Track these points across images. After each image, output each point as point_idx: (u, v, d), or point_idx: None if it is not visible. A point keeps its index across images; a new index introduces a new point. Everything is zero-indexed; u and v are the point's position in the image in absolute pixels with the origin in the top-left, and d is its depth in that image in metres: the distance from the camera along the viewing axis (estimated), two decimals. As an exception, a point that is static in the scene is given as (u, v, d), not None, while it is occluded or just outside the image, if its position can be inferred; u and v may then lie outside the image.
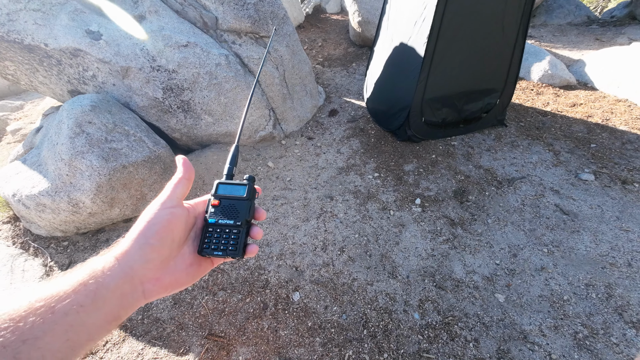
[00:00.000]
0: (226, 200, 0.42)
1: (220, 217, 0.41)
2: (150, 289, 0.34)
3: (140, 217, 0.36)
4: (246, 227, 0.42)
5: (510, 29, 2.18)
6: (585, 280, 1.53)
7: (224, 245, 0.40)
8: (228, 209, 0.42)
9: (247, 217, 0.42)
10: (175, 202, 0.38)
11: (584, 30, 4.40)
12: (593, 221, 1.81)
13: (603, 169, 2.13)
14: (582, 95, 2.93)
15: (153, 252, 0.34)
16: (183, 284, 0.38)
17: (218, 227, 0.40)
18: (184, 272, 0.38)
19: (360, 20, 4.11)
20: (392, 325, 1.43)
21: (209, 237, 0.40)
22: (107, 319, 0.30)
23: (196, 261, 0.40)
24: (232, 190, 0.43)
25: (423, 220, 1.92)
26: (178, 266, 0.38)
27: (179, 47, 2.14)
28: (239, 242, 0.40)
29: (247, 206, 0.42)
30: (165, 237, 0.35)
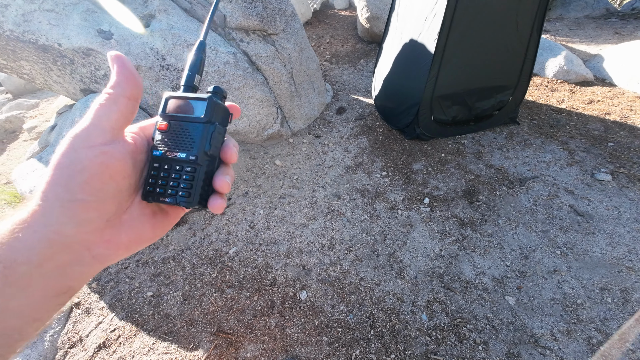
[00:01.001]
0: (178, 123, 0.30)
1: (169, 148, 0.30)
2: (103, 252, 0.27)
3: (52, 159, 0.25)
4: (206, 165, 0.30)
5: (524, 23, 2.11)
6: (600, 284, 1.48)
7: (173, 189, 0.29)
8: (180, 137, 0.30)
9: (206, 149, 0.30)
10: (109, 134, 0.26)
11: (602, 23, 4.23)
12: (609, 223, 1.75)
13: (621, 168, 2.06)
14: (599, 91, 2.83)
15: (88, 212, 0.25)
16: (148, 240, 0.31)
17: (166, 162, 0.30)
18: (147, 225, 0.30)
19: (368, 16, 4.05)
20: (400, 325, 1.42)
21: (154, 176, 0.30)
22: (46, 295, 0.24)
23: (161, 210, 0.32)
24: (186, 108, 0.31)
25: (432, 220, 1.90)
26: (137, 219, 0.29)
27: (188, 46, 2.15)
28: (193, 186, 0.30)
29: (206, 133, 0.30)
30: (102, 190, 0.26)
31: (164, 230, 0.32)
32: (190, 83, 0.33)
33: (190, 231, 1.97)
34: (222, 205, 0.31)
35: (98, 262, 0.27)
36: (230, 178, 0.32)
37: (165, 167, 0.30)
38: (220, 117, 0.32)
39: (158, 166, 0.30)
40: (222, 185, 0.31)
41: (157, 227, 0.31)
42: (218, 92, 0.32)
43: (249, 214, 2.05)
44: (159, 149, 0.30)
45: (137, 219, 0.29)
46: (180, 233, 1.96)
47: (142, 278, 1.71)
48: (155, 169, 0.30)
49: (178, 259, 1.80)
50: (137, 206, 0.30)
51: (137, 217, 0.29)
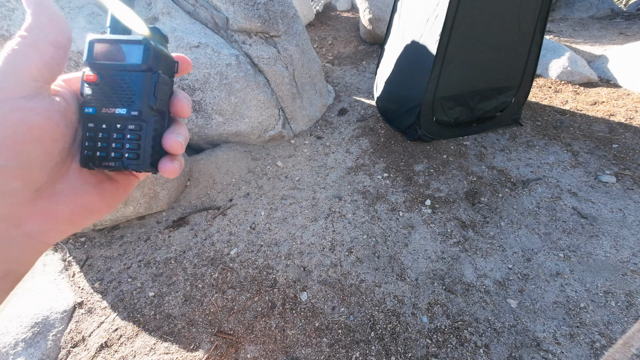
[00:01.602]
0: (111, 73, 0.25)
1: (104, 104, 0.25)
2: (39, 229, 0.23)
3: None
4: (154, 122, 0.26)
5: (527, 24, 2.11)
6: (604, 288, 1.47)
7: (117, 151, 0.25)
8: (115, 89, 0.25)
9: (151, 103, 0.25)
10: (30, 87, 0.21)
11: (607, 24, 4.19)
12: (613, 225, 1.73)
13: (625, 170, 2.04)
14: (604, 92, 2.80)
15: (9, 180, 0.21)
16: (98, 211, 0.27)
17: (103, 120, 0.25)
18: (92, 195, 0.26)
19: (371, 17, 4.05)
20: (400, 328, 1.41)
21: (91, 138, 0.25)
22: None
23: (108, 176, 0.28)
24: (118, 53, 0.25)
25: (433, 222, 1.89)
26: (77, 189, 0.25)
27: (191, 48, 2.17)
28: (142, 146, 0.25)
29: (148, 83, 0.25)
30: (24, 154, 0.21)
31: (115, 200, 0.28)
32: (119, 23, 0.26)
33: (192, 232, 1.98)
34: (174, 168, 0.27)
35: (35, 240, 0.23)
36: (184, 137, 0.28)
37: (103, 127, 0.25)
38: (163, 64, 0.26)
39: (94, 126, 0.25)
40: (172, 145, 0.26)
41: (105, 197, 0.27)
42: (157, 34, 0.26)
43: (250, 215, 2.06)
44: (92, 106, 0.25)
45: (79, 189, 0.25)
46: (182, 234, 1.97)
47: (144, 278, 1.73)
48: (91, 130, 0.25)
49: (180, 260, 1.81)
50: (77, 174, 0.26)
51: (78, 186, 0.25)
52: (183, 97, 0.29)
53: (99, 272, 1.78)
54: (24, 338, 1.43)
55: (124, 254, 1.88)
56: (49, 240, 0.24)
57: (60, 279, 1.76)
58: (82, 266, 1.83)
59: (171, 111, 0.28)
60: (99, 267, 1.82)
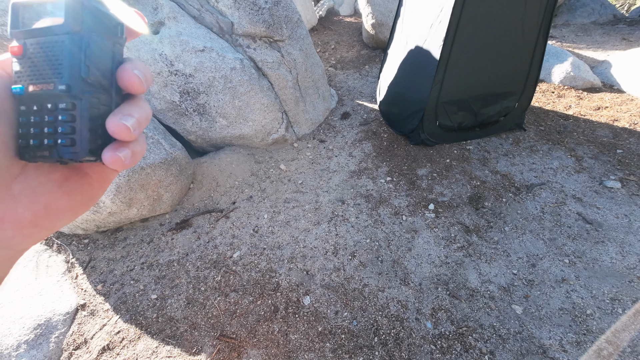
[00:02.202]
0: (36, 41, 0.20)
1: (31, 79, 0.20)
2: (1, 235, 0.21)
3: None
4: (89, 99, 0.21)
5: (530, 30, 2.11)
6: (610, 294, 1.45)
7: (50, 137, 0.21)
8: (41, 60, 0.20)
9: (82, 74, 0.20)
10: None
11: (609, 29, 4.20)
12: (619, 231, 1.72)
13: (630, 176, 2.02)
14: (607, 98, 2.80)
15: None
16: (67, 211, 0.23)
17: (32, 100, 0.21)
18: (57, 194, 0.23)
19: (373, 22, 4.08)
20: (404, 333, 1.40)
21: (23, 123, 0.21)
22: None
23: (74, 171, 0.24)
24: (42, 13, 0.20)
25: (436, 227, 1.88)
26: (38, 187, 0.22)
27: (196, 52, 2.19)
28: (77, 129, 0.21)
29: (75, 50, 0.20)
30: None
31: (88, 197, 0.24)
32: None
33: (195, 235, 1.98)
34: (119, 159, 0.22)
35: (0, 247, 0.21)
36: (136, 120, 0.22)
37: (34, 109, 0.20)
38: (97, 24, 0.21)
39: (25, 109, 0.21)
40: (114, 128, 0.21)
41: (75, 194, 0.23)
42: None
43: (253, 218, 2.06)
44: (19, 84, 0.20)
45: (39, 188, 0.22)
46: (185, 236, 1.97)
47: (146, 281, 1.72)
48: (23, 114, 0.21)
49: (182, 262, 1.80)
50: (35, 171, 0.22)
51: (40, 184, 0.22)
52: (132, 66, 0.23)
53: (102, 274, 1.79)
54: (26, 340, 1.43)
55: (127, 256, 1.88)
56: (17, 247, 0.22)
57: (64, 281, 1.76)
58: (85, 268, 1.83)
59: (119, 85, 0.23)
60: (102, 269, 1.82)
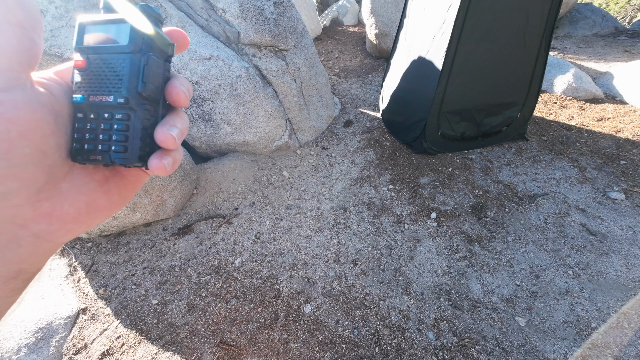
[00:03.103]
0: (99, 57, 0.23)
1: (92, 91, 0.23)
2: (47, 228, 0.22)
3: None
4: (143, 111, 0.24)
5: (532, 41, 2.14)
6: (615, 308, 1.43)
7: (104, 143, 0.23)
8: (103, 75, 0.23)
9: (139, 89, 0.23)
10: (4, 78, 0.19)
11: (611, 41, 4.24)
12: (624, 243, 1.70)
13: (635, 187, 2.01)
14: (610, 109, 2.81)
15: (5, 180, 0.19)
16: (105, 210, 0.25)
17: (91, 109, 0.23)
18: (98, 193, 0.25)
19: (377, 32, 4.16)
20: (406, 344, 1.38)
21: (79, 130, 0.23)
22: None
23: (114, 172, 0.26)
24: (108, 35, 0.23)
25: (439, 236, 1.87)
26: (83, 187, 0.24)
27: (203, 60, 2.24)
28: (129, 138, 0.23)
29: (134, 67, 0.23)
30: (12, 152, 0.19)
31: (123, 198, 0.26)
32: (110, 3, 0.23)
33: (197, 240, 1.99)
34: (163, 166, 0.24)
35: (44, 240, 0.23)
36: (179, 130, 0.25)
37: (91, 117, 0.23)
38: (155, 45, 0.24)
39: (82, 116, 0.23)
40: (162, 139, 0.24)
41: (112, 194, 0.26)
42: (147, 12, 0.24)
43: (256, 225, 2.07)
44: (80, 94, 0.23)
45: (83, 187, 0.24)
46: (187, 241, 1.98)
47: (148, 285, 1.73)
48: (80, 120, 0.23)
49: (184, 268, 1.81)
50: (81, 172, 0.24)
51: (83, 184, 0.24)
52: (179, 83, 0.25)
53: (104, 278, 1.79)
54: (27, 343, 1.43)
55: (129, 261, 1.89)
56: (58, 240, 0.23)
57: (66, 284, 1.77)
58: (87, 272, 1.84)
59: (167, 99, 0.25)
60: (104, 273, 1.83)
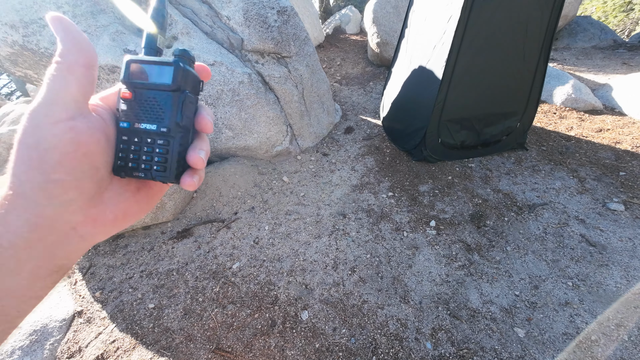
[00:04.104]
0: (144, 92, 0.28)
1: (137, 119, 0.28)
2: (90, 231, 0.27)
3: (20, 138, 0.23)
4: (180, 137, 0.29)
5: (531, 53, 2.17)
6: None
7: (147, 163, 0.28)
8: (148, 106, 0.28)
9: (178, 120, 0.28)
10: (73, 108, 0.24)
11: (610, 54, 4.29)
12: (623, 255, 1.69)
13: (634, 199, 2.01)
14: (609, 120, 2.83)
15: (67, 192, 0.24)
16: (135, 215, 0.30)
17: (135, 134, 0.28)
18: (131, 202, 0.29)
19: (379, 41, 4.22)
20: (403, 353, 1.37)
21: (124, 150, 0.28)
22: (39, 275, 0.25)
23: (144, 184, 0.31)
24: (151, 73, 0.28)
25: (438, 244, 1.87)
26: (120, 196, 0.29)
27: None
28: (168, 160, 0.28)
29: (176, 102, 0.28)
30: (77, 168, 0.24)
31: (149, 205, 0.31)
32: (153, 45, 0.29)
33: (196, 244, 1.98)
34: (193, 183, 0.30)
35: (86, 240, 0.27)
36: (205, 153, 0.30)
37: (135, 140, 0.28)
38: (190, 84, 0.29)
39: (127, 139, 0.28)
40: (194, 161, 0.29)
41: (142, 202, 0.31)
42: (184, 56, 0.29)
43: (254, 229, 2.07)
44: (126, 120, 0.28)
45: (121, 196, 0.29)
46: (185, 245, 1.98)
47: (145, 289, 1.72)
48: (125, 142, 0.28)
49: (182, 272, 1.80)
50: (118, 183, 0.29)
51: (121, 193, 0.29)
52: (207, 114, 0.31)
53: (101, 281, 1.78)
54: (21, 346, 1.42)
55: (127, 264, 1.88)
56: (96, 241, 0.28)
57: (62, 286, 1.76)
58: (84, 274, 1.83)
59: (196, 127, 0.31)
60: (101, 275, 1.82)
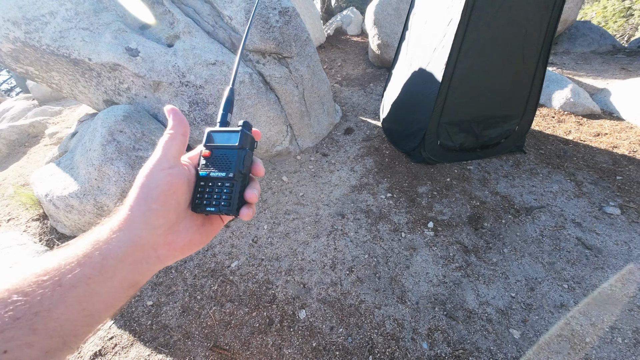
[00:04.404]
0: (218, 151, 0.39)
1: (212, 170, 0.39)
2: (165, 254, 0.34)
3: (136, 181, 0.34)
4: (241, 181, 0.39)
5: (530, 56, 2.19)
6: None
7: (217, 201, 0.37)
8: (220, 160, 0.39)
9: (240, 168, 0.38)
10: (172, 161, 0.36)
11: (608, 59, 4.32)
12: (619, 258, 1.71)
13: (630, 203, 2.03)
14: (607, 125, 2.85)
15: (159, 218, 0.33)
16: (198, 245, 0.38)
17: (210, 180, 0.38)
18: (196, 233, 0.38)
19: (379, 43, 4.23)
20: (399, 353, 1.38)
21: (201, 192, 0.38)
22: (122, 286, 0.31)
23: (207, 220, 0.40)
24: (223, 138, 0.40)
25: (435, 245, 1.88)
26: (189, 227, 0.37)
27: (208, 65, 2.29)
28: (232, 198, 0.38)
29: (240, 156, 0.39)
30: (168, 201, 0.34)
31: (209, 237, 0.40)
32: (224, 120, 0.43)
33: (195, 242, 1.99)
34: (249, 214, 0.39)
35: (160, 261, 0.34)
36: (258, 191, 0.41)
37: (209, 184, 0.38)
38: (249, 143, 0.41)
39: (204, 184, 0.38)
40: (251, 197, 0.40)
41: (203, 234, 0.39)
42: (247, 125, 0.42)
43: (253, 229, 2.07)
44: (204, 171, 0.39)
45: (190, 228, 0.37)
46: (184, 243, 1.98)
47: (143, 286, 1.72)
48: (202, 186, 0.38)
49: (180, 270, 1.81)
50: (190, 217, 0.38)
51: (190, 226, 0.37)
52: (259, 163, 0.42)
53: (100, 278, 1.79)
54: (19, 341, 1.42)
55: (126, 261, 1.89)
56: (166, 263, 0.35)
57: (61, 283, 1.76)
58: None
59: (251, 173, 0.42)
60: (99, 272, 1.82)
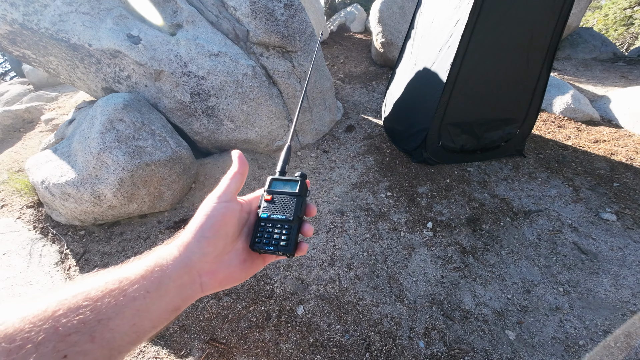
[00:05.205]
0: (278, 196, 0.43)
1: (273, 212, 0.42)
2: (207, 282, 0.35)
3: (199, 210, 0.37)
4: (298, 224, 0.42)
5: (535, 60, 2.19)
6: (603, 327, 1.45)
7: (275, 241, 0.40)
8: (280, 205, 0.43)
9: (299, 213, 0.42)
10: (230, 196, 0.39)
11: (609, 66, 4.35)
12: (614, 264, 1.73)
13: (626, 209, 2.06)
14: (605, 131, 2.88)
15: (209, 245, 0.35)
16: (237, 280, 0.39)
17: (270, 222, 0.41)
18: (237, 268, 0.39)
19: (383, 41, 4.21)
20: (396, 351, 1.39)
21: (260, 232, 0.40)
22: (168, 308, 0.31)
23: (249, 257, 0.41)
24: (284, 186, 0.44)
25: (434, 245, 1.89)
26: (232, 261, 0.38)
27: (210, 56, 2.25)
28: (290, 239, 0.40)
29: (299, 202, 0.43)
30: (219, 231, 0.36)
31: (248, 274, 0.41)
32: (283, 170, 0.48)
33: (193, 235, 1.97)
34: (307, 247, 0.43)
35: (201, 289, 0.35)
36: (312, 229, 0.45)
37: (269, 225, 0.41)
38: (304, 191, 0.45)
39: (264, 225, 0.41)
40: (309, 230, 0.43)
41: (243, 271, 0.40)
42: (303, 176, 0.46)
43: (252, 223, 2.06)
44: (265, 212, 0.42)
45: (232, 261, 0.39)
46: (182, 236, 1.97)
47: (140, 278, 1.71)
48: (262, 227, 0.41)
49: (178, 262, 1.79)
50: (234, 252, 0.40)
51: (233, 259, 0.39)
52: (312, 206, 0.45)
53: (95, 268, 1.76)
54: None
55: (122, 251, 1.87)
56: (205, 292, 0.36)
57: (55, 272, 1.74)
58: (78, 260, 1.81)
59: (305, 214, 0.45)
60: (95, 262, 1.80)
